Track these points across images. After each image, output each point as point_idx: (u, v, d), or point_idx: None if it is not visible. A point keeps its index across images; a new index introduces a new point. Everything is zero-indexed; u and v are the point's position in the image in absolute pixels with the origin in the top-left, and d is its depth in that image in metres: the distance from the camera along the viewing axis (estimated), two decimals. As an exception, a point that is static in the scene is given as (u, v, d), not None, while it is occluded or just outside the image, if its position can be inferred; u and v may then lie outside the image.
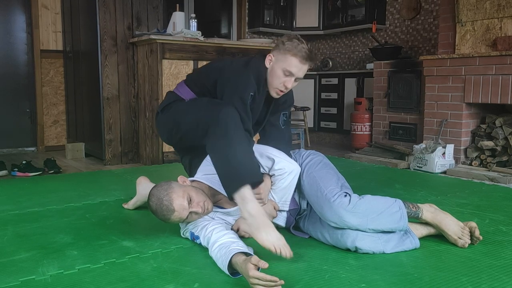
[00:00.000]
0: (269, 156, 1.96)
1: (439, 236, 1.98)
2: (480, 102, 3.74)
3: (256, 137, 2.30)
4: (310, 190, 1.93)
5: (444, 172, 3.72)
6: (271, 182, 1.97)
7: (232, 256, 1.56)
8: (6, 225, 2.17)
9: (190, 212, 1.78)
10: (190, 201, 1.77)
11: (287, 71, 1.97)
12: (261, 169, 1.96)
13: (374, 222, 1.80)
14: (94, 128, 4.16)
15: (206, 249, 1.83)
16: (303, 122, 5.54)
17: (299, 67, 1.97)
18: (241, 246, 1.62)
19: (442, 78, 3.97)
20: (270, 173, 1.97)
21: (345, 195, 1.86)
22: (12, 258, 1.75)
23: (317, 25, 6.26)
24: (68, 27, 4.64)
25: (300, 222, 2.08)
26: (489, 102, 3.67)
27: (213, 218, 1.92)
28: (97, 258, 1.75)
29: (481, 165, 3.73)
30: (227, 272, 1.57)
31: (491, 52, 3.62)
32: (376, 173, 3.71)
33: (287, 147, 2.16)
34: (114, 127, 4.02)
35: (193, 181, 1.95)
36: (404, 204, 1.88)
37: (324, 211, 1.83)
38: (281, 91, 2.03)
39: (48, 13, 4.73)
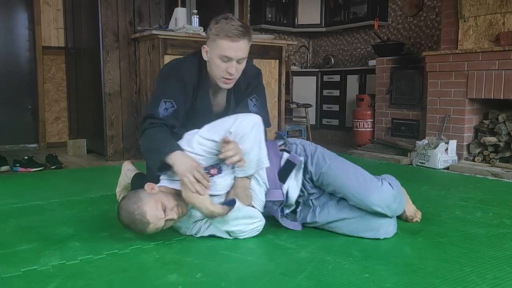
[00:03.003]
0: (222, 131, 1.77)
1: (443, 229, 1.99)
2: (483, 97, 3.72)
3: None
4: (343, 174, 1.87)
5: (447, 168, 3.70)
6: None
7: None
8: (8, 218, 2.17)
9: (166, 220, 1.68)
10: (164, 209, 1.67)
11: (224, 56, 1.83)
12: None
13: (399, 207, 1.93)
14: (96, 124, 4.15)
15: (208, 240, 1.84)
16: (305, 119, 5.52)
17: (233, 48, 1.81)
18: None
19: (444, 74, 3.96)
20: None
21: (384, 180, 1.92)
22: (14, 249, 1.75)
23: (319, 22, 6.25)
24: (70, 24, 4.64)
25: (301, 214, 1.97)
26: (492, 98, 3.66)
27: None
28: (99, 249, 1.74)
29: (484, 161, 3.72)
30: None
31: (494, 47, 3.61)
32: (379, 169, 3.69)
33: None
34: (116, 123, 4.01)
35: (160, 186, 1.82)
36: None
37: (372, 195, 1.82)
38: (228, 79, 1.89)
39: (50, 10, 4.73)
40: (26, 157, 3.50)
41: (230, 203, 1.76)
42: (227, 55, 1.83)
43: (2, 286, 1.43)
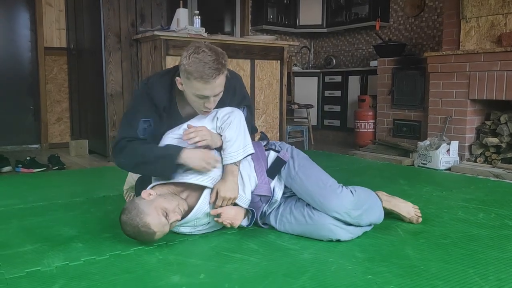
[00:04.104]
0: (208, 123, 1.88)
1: (445, 230, 1.99)
2: (485, 98, 3.72)
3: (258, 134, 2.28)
4: (308, 180, 1.91)
5: (449, 169, 3.70)
6: (223, 138, 1.88)
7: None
8: (11, 219, 2.18)
9: (171, 224, 1.70)
10: (166, 214, 1.68)
11: (199, 95, 1.79)
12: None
13: (367, 216, 1.89)
14: (98, 125, 4.16)
15: (211, 241, 1.85)
16: (306, 120, 5.53)
17: (209, 88, 1.76)
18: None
19: (446, 75, 3.96)
20: (219, 132, 1.88)
21: (346, 187, 1.92)
22: (18, 250, 1.75)
23: (320, 23, 6.25)
24: (72, 24, 4.65)
25: (272, 213, 2.01)
26: (494, 99, 3.66)
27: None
28: (102, 250, 1.75)
29: (486, 162, 3.72)
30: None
31: (496, 48, 3.61)
32: (381, 170, 3.70)
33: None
34: (118, 123, 4.01)
35: (155, 186, 1.84)
36: None
37: (330, 201, 1.84)
38: (206, 111, 1.87)
39: (52, 11, 4.74)
40: (28, 158, 3.50)
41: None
42: (204, 94, 1.78)
43: (6, 287, 1.43)
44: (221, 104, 1.97)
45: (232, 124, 1.85)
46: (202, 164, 1.80)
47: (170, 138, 1.91)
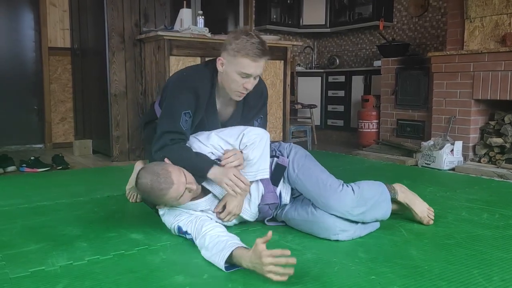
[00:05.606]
0: (234, 136, 1.90)
1: (449, 230, 1.98)
2: (489, 98, 3.71)
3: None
4: (308, 181, 1.91)
5: (453, 169, 3.69)
6: (244, 155, 1.90)
7: (233, 250, 1.53)
8: (15, 218, 2.18)
9: (186, 188, 1.73)
10: (185, 177, 1.74)
11: (243, 73, 1.85)
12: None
13: (371, 213, 1.89)
14: (102, 125, 4.17)
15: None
16: (309, 120, 5.52)
17: (254, 66, 1.85)
18: (240, 242, 1.60)
19: (450, 75, 3.95)
20: (241, 148, 1.90)
21: (347, 185, 1.91)
22: (22, 250, 1.76)
23: (324, 23, 6.24)
24: (76, 25, 4.66)
25: (277, 214, 2.07)
26: (498, 99, 3.65)
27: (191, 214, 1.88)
28: (106, 250, 1.75)
29: (490, 162, 3.71)
30: (221, 264, 1.53)
31: (500, 48, 3.60)
32: (384, 170, 3.69)
33: None
34: (122, 123, 4.03)
35: None
36: (386, 187, 1.99)
37: (330, 201, 1.84)
38: (243, 93, 1.93)
39: (56, 11, 4.76)
40: (32, 158, 3.52)
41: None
42: (248, 72, 1.85)
43: (10, 287, 1.44)
44: (246, 105, 2.05)
45: (258, 146, 1.88)
46: (227, 182, 1.83)
47: (196, 142, 1.93)
